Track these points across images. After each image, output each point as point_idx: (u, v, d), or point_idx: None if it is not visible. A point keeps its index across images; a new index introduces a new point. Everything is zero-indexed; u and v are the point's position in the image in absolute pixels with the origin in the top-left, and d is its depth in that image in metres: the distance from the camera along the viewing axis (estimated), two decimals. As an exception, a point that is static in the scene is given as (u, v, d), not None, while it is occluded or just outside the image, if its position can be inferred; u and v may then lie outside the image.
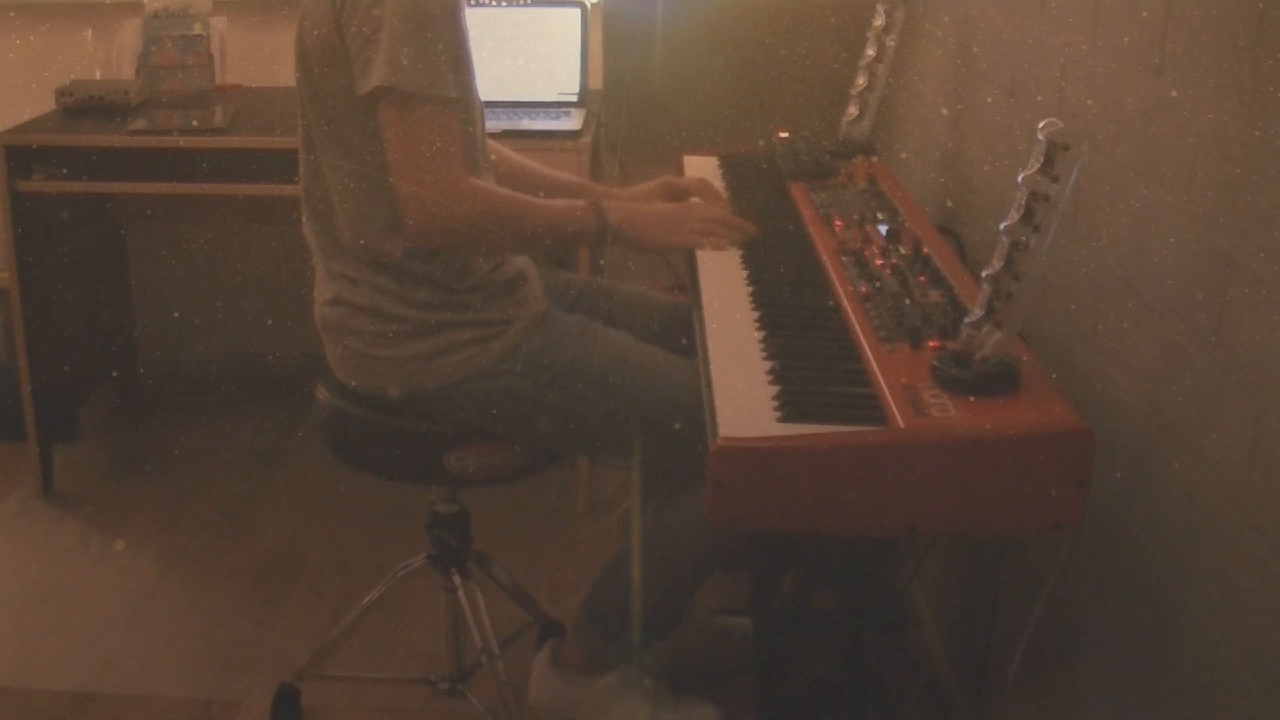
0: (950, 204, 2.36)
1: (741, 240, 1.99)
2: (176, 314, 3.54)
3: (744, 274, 1.90)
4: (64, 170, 2.85)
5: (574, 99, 3.06)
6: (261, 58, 3.30)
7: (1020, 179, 1.36)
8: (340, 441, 1.97)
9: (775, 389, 1.50)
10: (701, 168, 2.45)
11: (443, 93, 1.75)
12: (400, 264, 1.84)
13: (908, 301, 1.70)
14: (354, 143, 1.81)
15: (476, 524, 2.10)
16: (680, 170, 2.45)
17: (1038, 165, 1.35)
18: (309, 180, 1.90)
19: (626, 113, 3.01)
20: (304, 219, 1.93)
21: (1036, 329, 1.77)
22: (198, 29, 3.19)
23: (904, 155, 2.74)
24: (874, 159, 2.44)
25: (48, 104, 3.04)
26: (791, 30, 2.99)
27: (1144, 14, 1.50)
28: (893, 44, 2.45)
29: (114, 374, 3.45)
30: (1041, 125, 1.34)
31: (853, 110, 2.49)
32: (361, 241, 1.85)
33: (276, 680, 2.22)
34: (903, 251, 1.89)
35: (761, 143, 2.56)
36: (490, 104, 2.05)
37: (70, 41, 3.31)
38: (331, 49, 1.77)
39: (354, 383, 1.91)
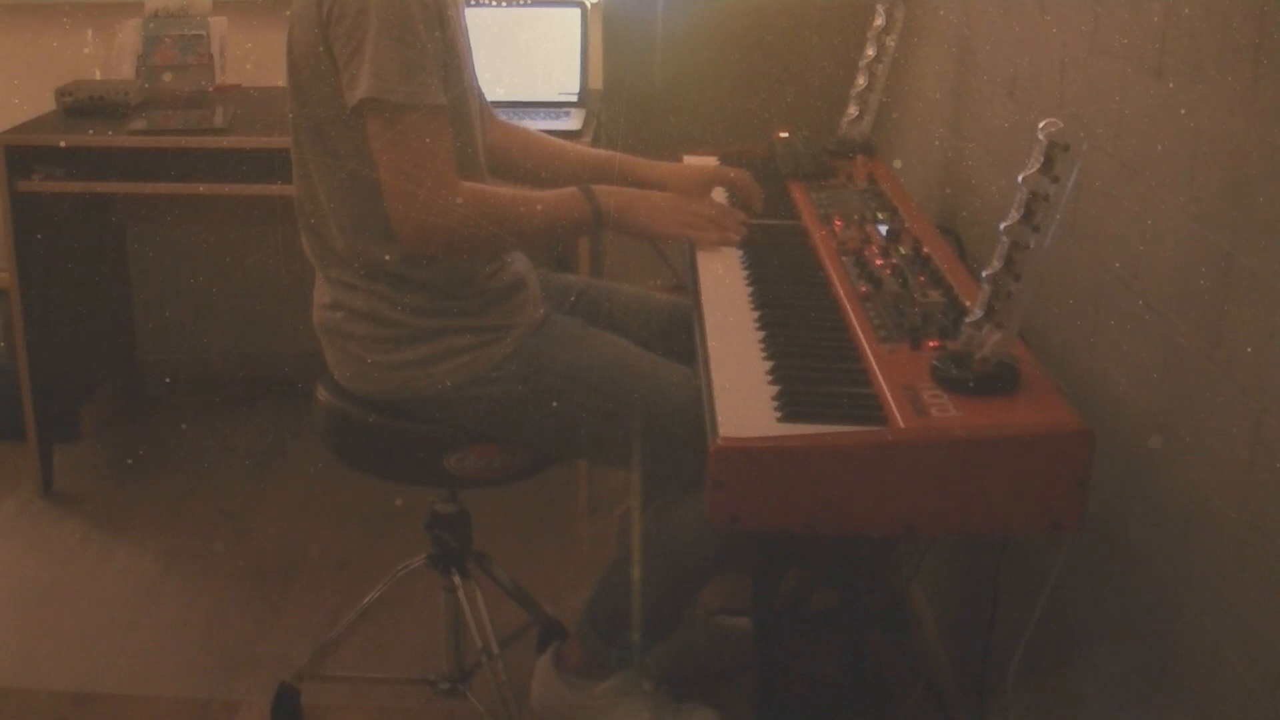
0: (950, 204, 2.36)
1: (728, 241, 1.99)
2: (176, 314, 3.54)
3: (744, 274, 1.90)
4: (64, 170, 2.85)
5: (574, 99, 3.06)
6: (261, 58, 3.30)
7: (1020, 179, 1.36)
8: (340, 442, 1.97)
9: (775, 389, 1.50)
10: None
11: (429, 100, 1.74)
12: (396, 270, 1.84)
13: (908, 302, 1.70)
14: (344, 151, 1.80)
15: (476, 524, 2.10)
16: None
17: (1038, 165, 1.35)
18: (301, 188, 1.89)
19: (626, 113, 3.01)
20: (300, 226, 1.93)
21: (1036, 329, 1.77)
22: (197, 29, 3.19)
23: (904, 155, 2.74)
24: (874, 159, 2.44)
25: (48, 104, 3.04)
26: (791, 30, 2.99)
27: (1144, 14, 1.50)
28: (893, 44, 2.45)
29: (114, 374, 3.45)
30: (1041, 125, 1.34)
31: (853, 110, 2.49)
32: (355, 249, 1.84)
33: (276, 680, 2.22)
34: (903, 251, 1.89)
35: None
36: (490, 104, 2.04)
37: (70, 41, 3.31)
38: (319, 60, 1.77)
39: (353, 387, 1.91)
